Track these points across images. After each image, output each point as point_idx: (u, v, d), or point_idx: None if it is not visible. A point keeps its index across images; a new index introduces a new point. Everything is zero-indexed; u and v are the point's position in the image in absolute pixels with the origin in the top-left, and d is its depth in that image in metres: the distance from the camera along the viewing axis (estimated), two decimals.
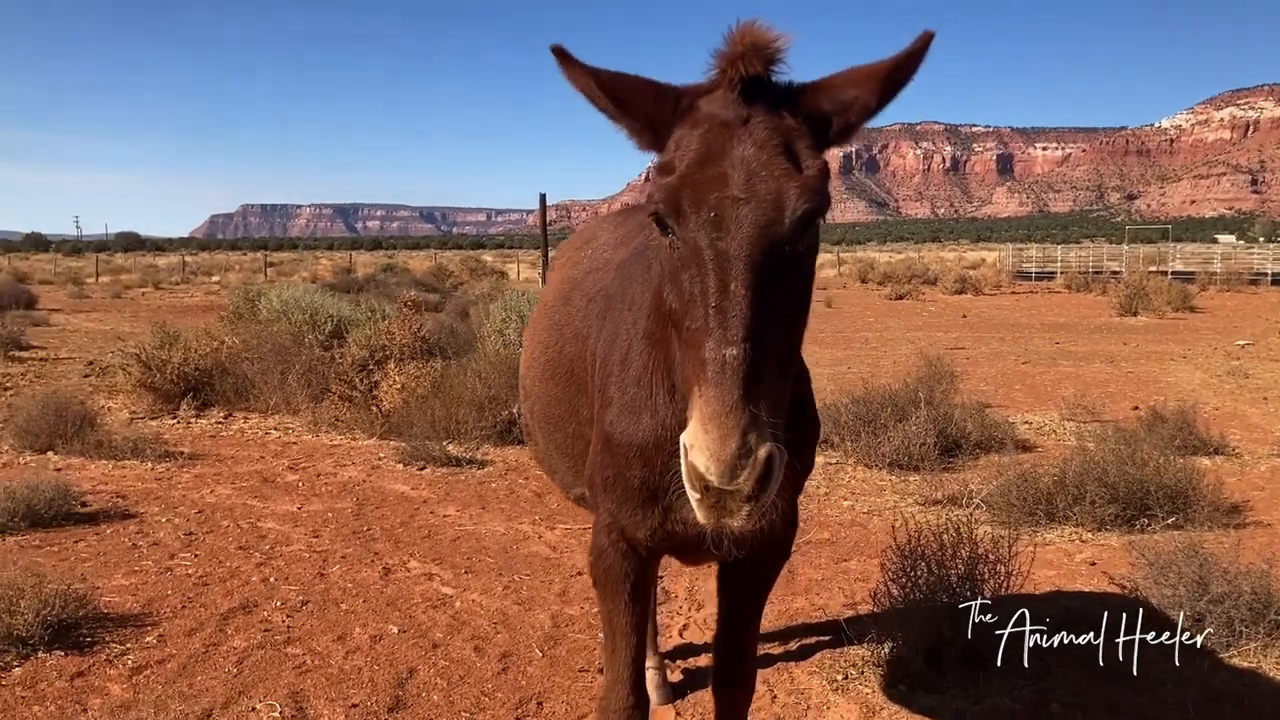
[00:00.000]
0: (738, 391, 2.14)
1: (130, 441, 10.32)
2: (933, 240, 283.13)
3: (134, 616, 5.77)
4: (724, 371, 2.16)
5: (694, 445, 2.16)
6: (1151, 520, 7.74)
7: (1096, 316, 31.03)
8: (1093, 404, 12.92)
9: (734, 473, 2.12)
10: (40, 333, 24.57)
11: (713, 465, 2.12)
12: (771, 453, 2.16)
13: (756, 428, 2.14)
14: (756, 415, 2.14)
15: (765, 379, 2.22)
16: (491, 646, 5.48)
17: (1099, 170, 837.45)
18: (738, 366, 2.16)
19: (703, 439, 2.14)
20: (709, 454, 2.12)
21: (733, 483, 2.13)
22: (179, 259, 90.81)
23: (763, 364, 2.21)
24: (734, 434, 2.11)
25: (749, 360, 2.17)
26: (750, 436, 2.12)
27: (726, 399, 2.13)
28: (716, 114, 2.44)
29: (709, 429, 2.13)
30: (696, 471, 2.16)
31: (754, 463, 2.13)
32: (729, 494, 2.17)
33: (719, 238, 2.29)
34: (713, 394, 2.15)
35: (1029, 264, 62.50)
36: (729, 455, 2.11)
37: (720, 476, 2.12)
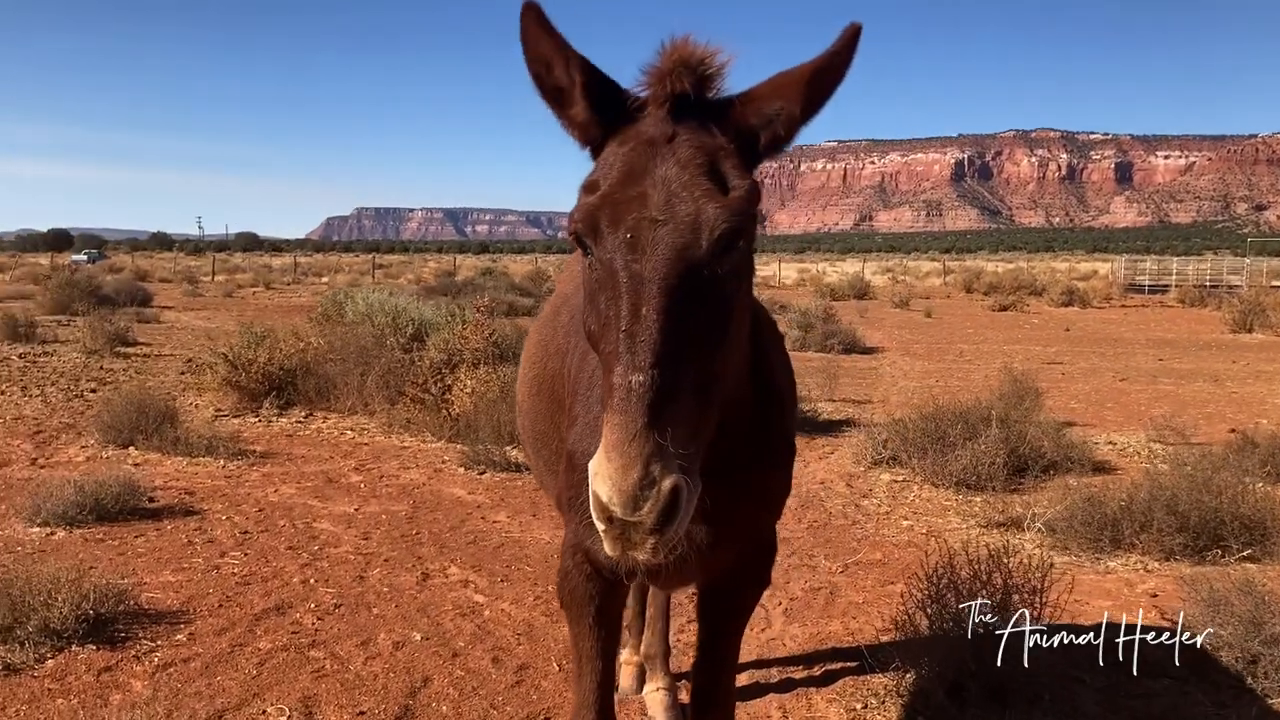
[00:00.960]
0: (642, 419, 2.07)
1: (205, 439, 10.61)
2: (1046, 250, 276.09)
3: (171, 613, 5.91)
4: (629, 398, 2.09)
5: (597, 474, 2.10)
6: (1225, 552, 7.36)
7: (1207, 333, 29.80)
8: (1186, 425, 12.37)
9: (635, 504, 2.05)
10: (149, 329, 25.52)
11: (614, 495, 2.05)
12: (678, 484, 2.08)
13: (661, 458, 2.06)
14: (662, 445, 2.07)
15: (677, 407, 2.13)
16: (511, 658, 5.46)
17: (1225, 179, 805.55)
18: (643, 393, 2.09)
19: (605, 467, 2.07)
20: (610, 483, 2.06)
21: (635, 514, 2.06)
22: (292, 260, 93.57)
23: (674, 391, 2.13)
24: (636, 463, 2.04)
25: (657, 387, 2.10)
26: (654, 466, 2.05)
27: (630, 426, 2.07)
28: (643, 131, 2.37)
29: (611, 457, 2.07)
30: (599, 501, 2.10)
31: (657, 494, 2.05)
32: (632, 525, 2.10)
33: (634, 259, 2.22)
34: (617, 421, 2.09)
35: (1143, 276, 60.35)
36: (630, 485, 2.04)
37: (623, 507, 2.06)
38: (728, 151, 2.35)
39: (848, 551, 7.79)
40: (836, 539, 8.14)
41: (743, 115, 2.38)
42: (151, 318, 28.82)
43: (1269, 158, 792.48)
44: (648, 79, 2.38)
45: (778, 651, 5.73)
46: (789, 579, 7.08)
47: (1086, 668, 5.21)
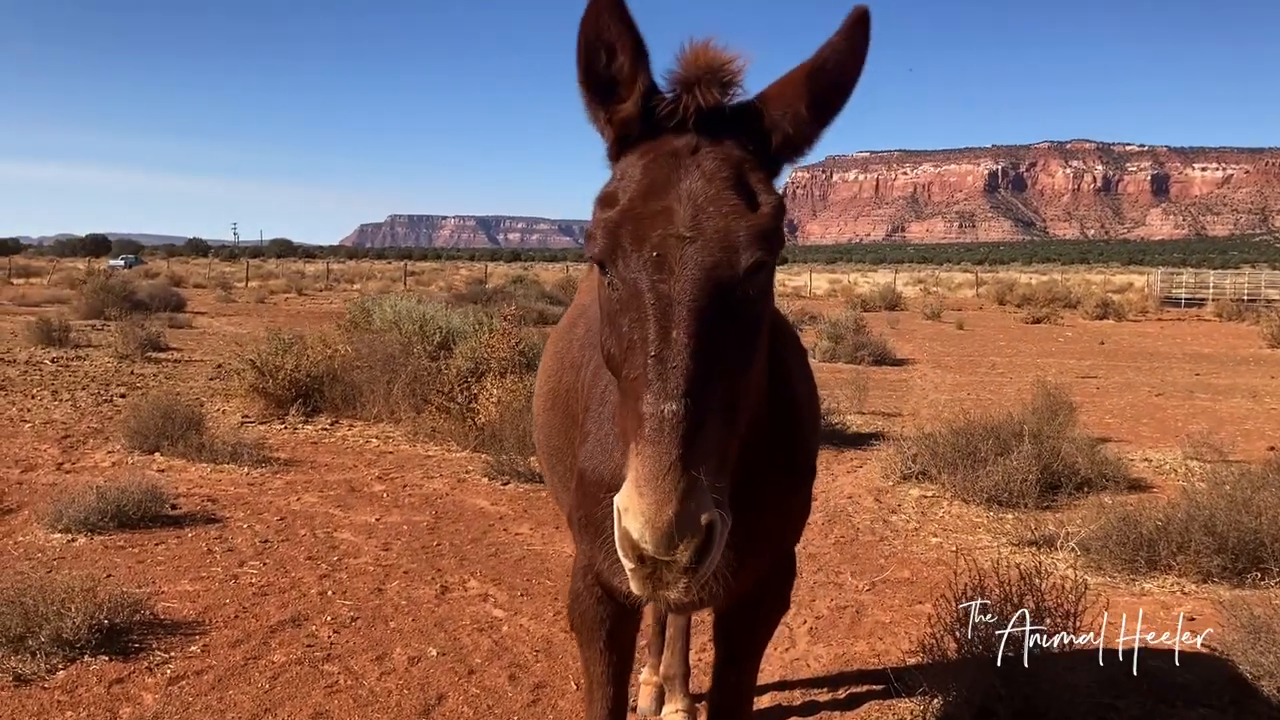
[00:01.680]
0: (677, 451, 1.95)
1: (230, 446, 10.59)
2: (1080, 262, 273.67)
3: (186, 624, 5.85)
4: (662, 429, 1.97)
5: (628, 509, 1.98)
6: (1265, 574, 7.15)
7: (1246, 347, 29.30)
8: (1224, 442, 12.11)
9: (671, 542, 1.93)
10: (181, 335, 25.69)
11: (648, 533, 1.93)
12: (713, 520, 1.97)
13: (697, 493, 1.94)
14: (697, 479, 1.95)
15: (709, 437, 2.02)
16: (528, 675, 5.36)
17: (1263, 192, 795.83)
18: (677, 423, 1.97)
19: (637, 503, 1.95)
20: (644, 520, 1.93)
21: (669, 553, 1.95)
22: (325, 266, 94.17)
23: (706, 420, 2.02)
24: (672, 499, 1.92)
25: (691, 416, 1.98)
26: (690, 503, 1.93)
27: (664, 459, 1.95)
28: (664, 141, 2.26)
29: (644, 493, 1.94)
30: (630, 539, 1.98)
31: (694, 532, 1.94)
32: (665, 564, 1.98)
33: (661, 280, 2.11)
34: (650, 453, 1.97)
35: (1179, 289, 59.57)
36: (665, 523, 1.92)
37: (656, 546, 1.94)
38: (752, 164, 2.24)
39: (875, 569, 7.63)
40: (864, 555, 7.98)
41: (762, 118, 2.27)
42: (184, 323, 29.02)
43: None
44: (671, 86, 2.27)
45: (801, 672, 5.59)
46: (815, 596, 6.93)
47: (1121, 693, 5.03)
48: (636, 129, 2.30)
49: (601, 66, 2.27)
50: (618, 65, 2.26)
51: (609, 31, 2.22)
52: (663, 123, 2.27)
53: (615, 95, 2.30)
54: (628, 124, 2.30)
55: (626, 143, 2.33)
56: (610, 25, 2.22)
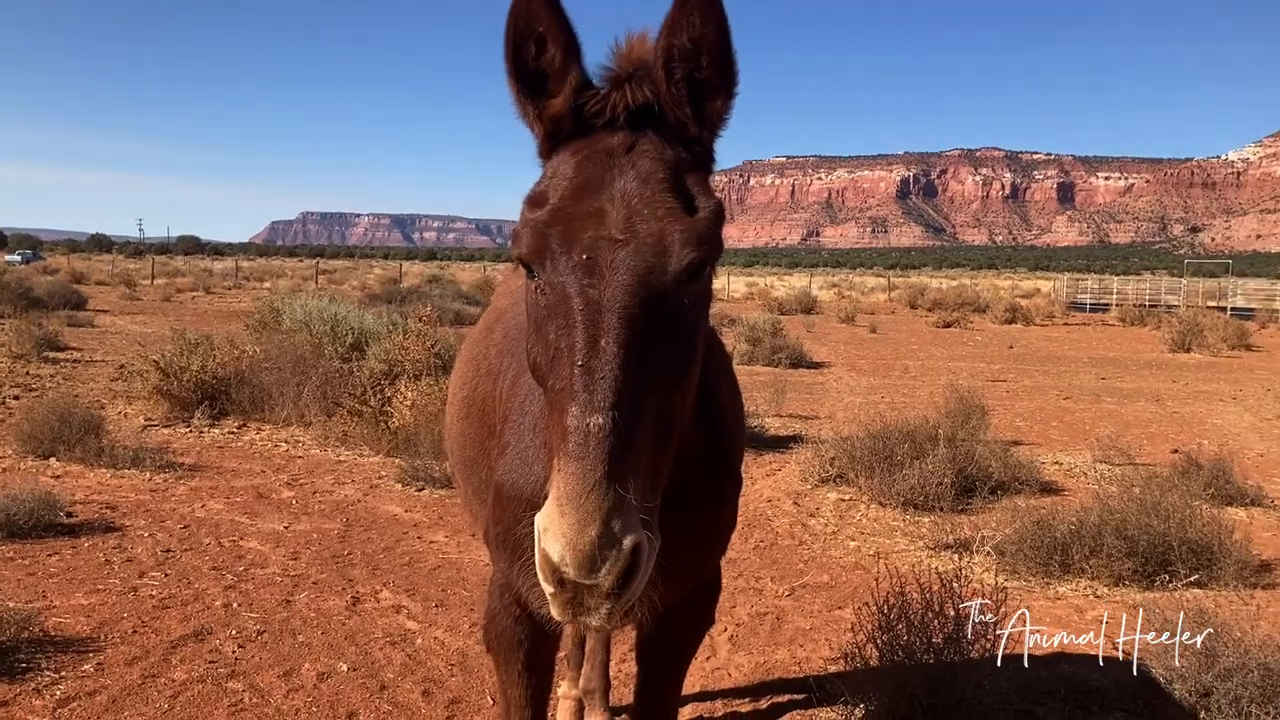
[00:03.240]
0: (602, 468, 1.82)
1: (132, 451, 10.19)
2: (989, 267, 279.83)
3: (80, 640, 5.54)
4: (587, 443, 1.85)
5: (548, 530, 1.84)
6: (1173, 577, 7.27)
7: (1148, 352, 30.19)
8: (1130, 445, 12.39)
9: (593, 565, 1.81)
10: (82, 334, 24.79)
11: (569, 555, 1.80)
12: (639, 542, 1.84)
13: (623, 513, 1.82)
14: (623, 497, 1.83)
15: (638, 453, 1.90)
16: (442, 691, 5.18)
17: (1163, 202, 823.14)
18: (603, 438, 1.85)
19: (559, 523, 1.82)
20: (565, 541, 1.81)
21: (591, 576, 1.82)
22: (234, 264, 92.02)
23: (635, 435, 1.89)
24: (595, 519, 1.79)
25: (618, 430, 1.86)
26: (615, 523, 1.81)
27: (588, 477, 1.82)
28: (598, 138, 2.14)
29: (566, 512, 1.81)
30: (550, 562, 1.84)
31: (618, 555, 1.81)
32: (586, 589, 1.86)
33: (590, 284, 1.99)
34: (573, 470, 1.84)
35: (1084, 295, 61.30)
36: (587, 544, 1.79)
37: (578, 569, 1.81)
38: (689, 165, 2.14)
39: (795, 574, 7.60)
40: (783, 560, 7.95)
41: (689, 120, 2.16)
42: (85, 322, 28.01)
43: (1204, 181, 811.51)
44: (602, 82, 2.15)
45: (723, 682, 5.51)
46: (735, 603, 6.86)
47: (1039, 699, 5.04)
48: (568, 125, 2.18)
49: (531, 59, 2.16)
50: (548, 58, 2.15)
51: (539, 21, 2.11)
52: (593, 120, 2.15)
53: (545, 90, 2.18)
54: (558, 120, 2.19)
55: (558, 139, 2.21)
56: (541, 15, 2.11)
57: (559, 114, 2.17)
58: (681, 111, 2.14)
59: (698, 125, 2.17)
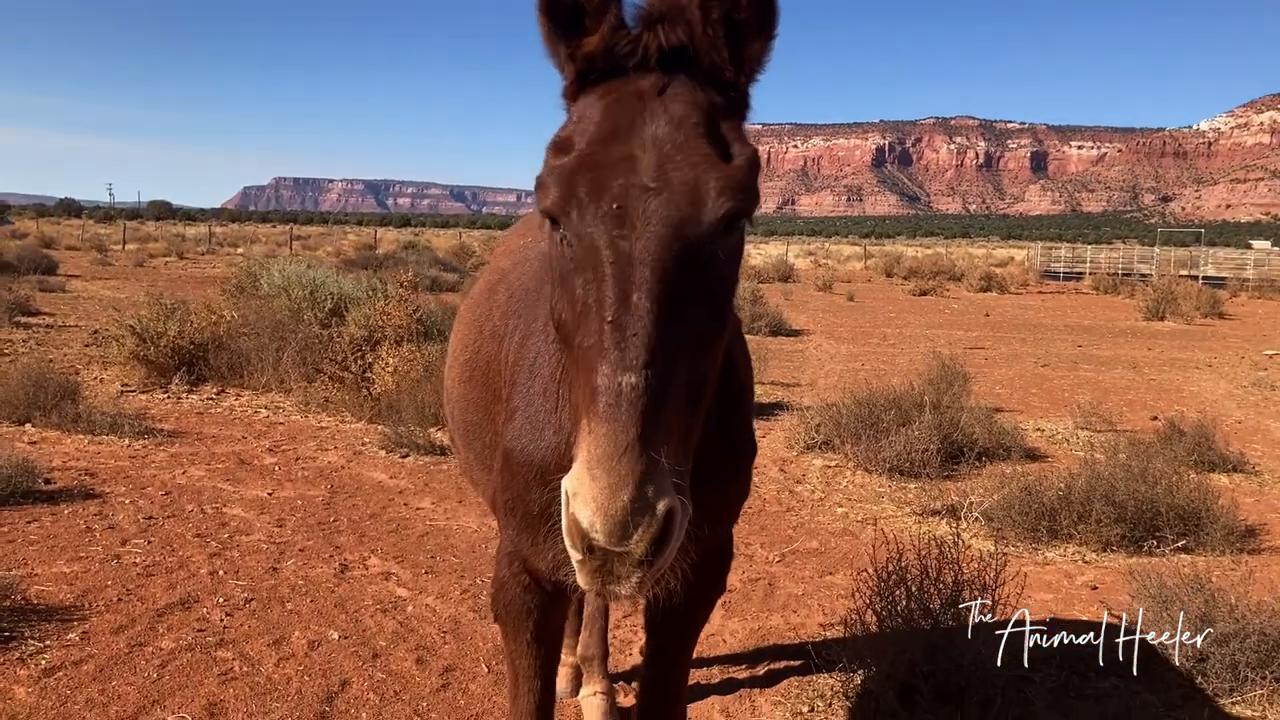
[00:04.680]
0: (635, 429, 1.73)
1: (110, 416, 10.03)
2: (963, 236, 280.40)
3: (63, 609, 5.44)
4: (619, 404, 1.75)
5: (577, 494, 1.75)
6: (1160, 542, 7.31)
7: (1122, 320, 30.37)
8: (1110, 412, 12.45)
9: (625, 531, 1.72)
10: (54, 299, 24.43)
11: (599, 521, 1.71)
12: (673, 509, 1.75)
13: (656, 477, 1.73)
14: (656, 460, 1.73)
15: (671, 414, 1.81)
16: (436, 658, 5.12)
17: (1134, 171, 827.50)
18: (636, 398, 1.75)
19: (589, 487, 1.73)
20: (595, 507, 1.71)
21: (623, 543, 1.73)
22: (207, 229, 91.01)
23: (669, 395, 1.80)
24: (627, 483, 1.70)
25: (652, 390, 1.76)
26: (648, 488, 1.72)
27: (620, 439, 1.72)
28: (628, 81, 2.03)
29: (597, 475, 1.72)
30: (579, 527, 1.75)
31: (651, 520, 1.72)
32: (617, 556, 1.77)
33: (621, 236, 1.88)
34: (604, 431, 1.74)
35: (1058, 263, 61.60)
36: (619, 510, 1.70)
37: (608, 535, 1.72)
38: (724, 110, 2.04)
39: (784, 540, 7.57)
40: (772, 526, 7.92)
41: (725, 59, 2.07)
42: (56, 287, 27.59)
43: (1175, 150, 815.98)
44: (635, 22, 2.05)
45: (718, 649, 5.47)
46: None
47: (1038, 666, 5.03)
48: (600, 65, 2.07)
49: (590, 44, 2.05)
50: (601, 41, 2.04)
51: None
52: (623, 61, 2.05)
53: (580, 27, 2.06)
54: (591, 60, 2.07)
55: (586, 80, 2.10)
56: None
57: (593, 53, 2.06)
58: (718, 54, 2.04)
59: (734, 69, 2.07)
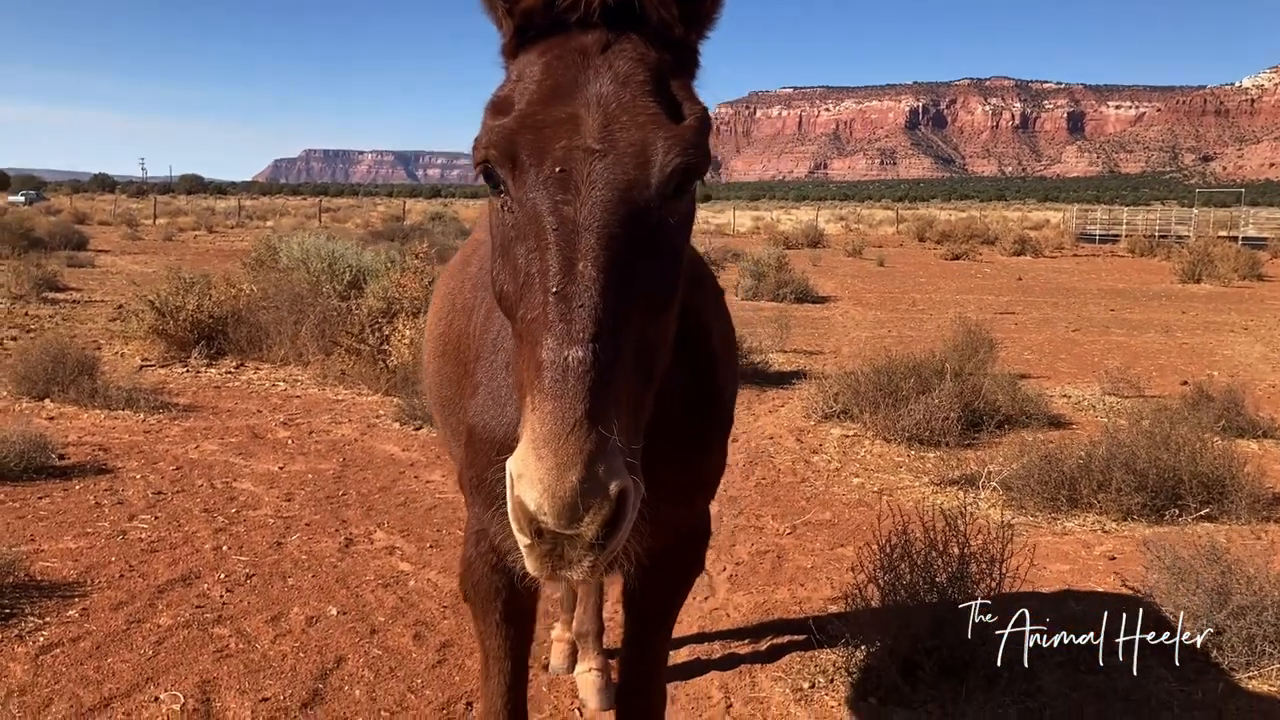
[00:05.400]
0: (583, 406, 1.63)
1: (126, 391, 10.05)
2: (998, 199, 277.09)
3: (65, 585, 5.43)
4: (565, 379, 1.65)
5: (523, 475, 1.65)
6: (1183, 511, 7.13)
7: (1157, 282, 29.85)
8: (1139, 377, 12.22)
9: (575, 514, 1.62)
10: (82, 274, 24.64)
11: (547, 503, 1.62)
12: (625, 488, 1.65)
13: (607, 456, 1.63)
14: (606, 438, 1.64)
15: (621, 389, 1.71)
16: (434, 634, 5.06)
17: (1174, 130, 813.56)
18: (584, 373, 1.65)
19: (535, 468, 1.62)
20: (542, 488, 1.62)
21: (573, 526, 1.63)
22: (236, 203, 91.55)
23: (618, 369, 1.70)
24: (576, 463, 1.60)
25: (600, 364, 1.66)
26: (598, 467, 1.62)
27: (568, 416, 1.63)
28: (570, 37, 1.92)
29: (543, 455, 1.62)
30: (526, 510, 1.65)
31: (602, 502, 1.63)
32: (568, 539, 1.67)
33: (565, 201, 1.78)
34: (550, 409, 1.64)
35: (1093, 226, 60.70)
36: (568, 491, 1.60)
37: (558, 518, 1.62)
38: (672, 68, 1.92)
39: (796, 511, 7.46)
40: (785, 497, 7.81)
41: None
42: (86, 262, 27.84)
43: (1216, 109, 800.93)
44: None
45: (721, 623, 5.38)
46: (735, 541, 6.74)
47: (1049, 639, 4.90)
48: (540, 20, 1.95)
49: None
50: None
51: None
52: (564, 16, 1.93)
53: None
54: (530, 15, 1.96)
55: (525, 37, 1.99)
56: None
57: (532, 8, 1.95)
58: (665, 10, 1.93)
59: (683, 26, 1.96)
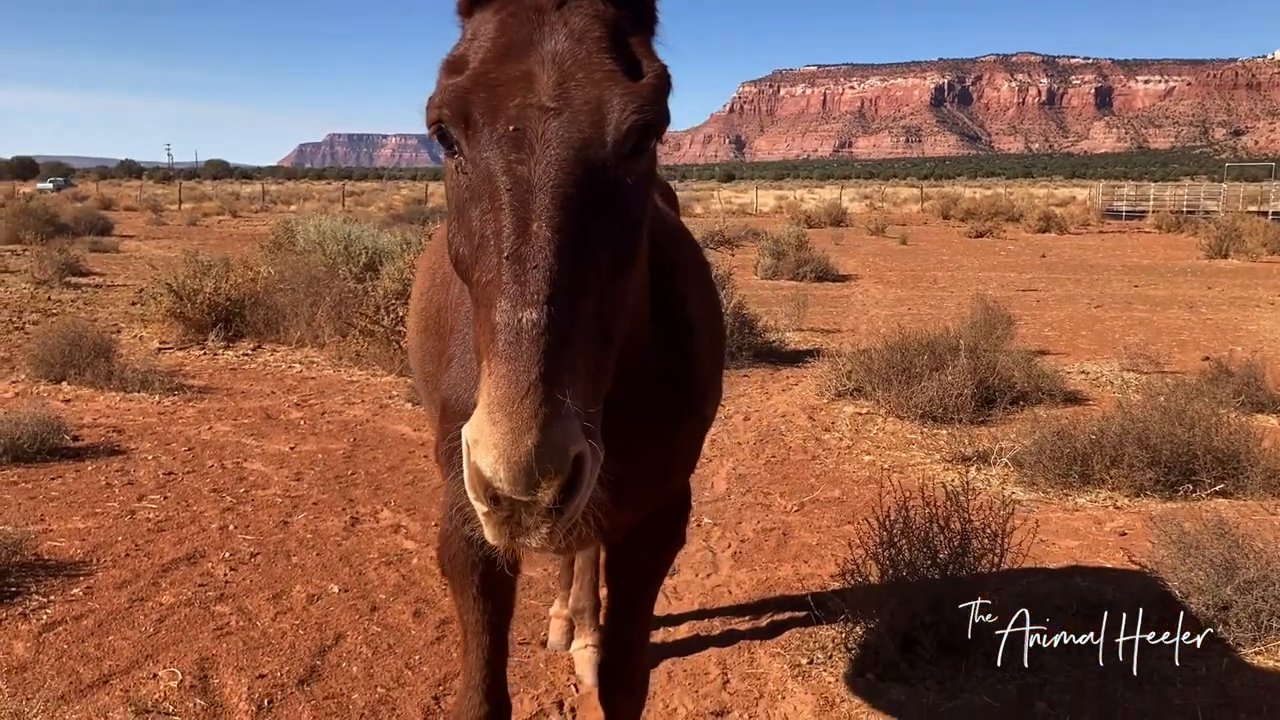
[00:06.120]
0: (538, 369, 1.60)
1: (141, 374, 10.12)
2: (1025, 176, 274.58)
3: (71, 564, 5.47)
4: (519, 341, 1.62)
5: (478, 441, 1.62)
6: (1196, 487, 7.05)
7: (1184, 258, 29.48)
8: (1160, 353, 12.09)
9: (531, 478, 1.59)
10: (105, 259, 24.84)
11: (502, 469, 1.58)
12: (582, 453, 1.62)
13: (563, 420, 1.60)
14: (562, 402, 1.60)
15: (578, 352, 1.67)
16: (434, 611, 5.07)
17: (1204, 105, 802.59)
18: (538, 335, 1.61)
19: (490, 433, 1.59)
20: (497, 453, 1.58)
21: (529, 492, 1.60)
22: (261, 188, 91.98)
23: (575, 332, 1.66)
24: (531, 427, 1.57)
25: (555, 327, 1.63)
26: (554, 430, 1.58)
27: (522, 380, 1.59)
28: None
29: (498, 420, 1.59)
30: (481, 477, 1.62)
31: (559, 466, 1.59)
32: (524, 506, 1.64)
33: (519, 160, 1.74)
34: (504, 372, 1.61)
35: (1120, 202, 60.00)
36: (523, 456, 1.57)
37: (513, 483, 1.59)
38: (630, 23, 1.88)
39: (805, 489, 7.43)
40: (795, 475, 7.78)
41: None
42: (110, 247, 28.08)
43: (1248, 82, 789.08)
44: None
45: (722, 600, 5.37)
46: (741, 519, 6.72)
47: (1051, 615, 4.85)
48: None
49: None
50: None
51: None
52: None
53: None
54: None
55: None
56: None
57: None
58: None
59: None
